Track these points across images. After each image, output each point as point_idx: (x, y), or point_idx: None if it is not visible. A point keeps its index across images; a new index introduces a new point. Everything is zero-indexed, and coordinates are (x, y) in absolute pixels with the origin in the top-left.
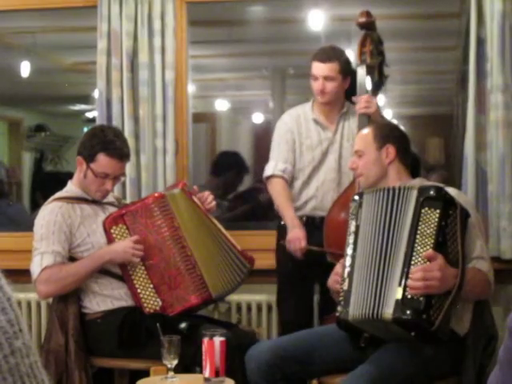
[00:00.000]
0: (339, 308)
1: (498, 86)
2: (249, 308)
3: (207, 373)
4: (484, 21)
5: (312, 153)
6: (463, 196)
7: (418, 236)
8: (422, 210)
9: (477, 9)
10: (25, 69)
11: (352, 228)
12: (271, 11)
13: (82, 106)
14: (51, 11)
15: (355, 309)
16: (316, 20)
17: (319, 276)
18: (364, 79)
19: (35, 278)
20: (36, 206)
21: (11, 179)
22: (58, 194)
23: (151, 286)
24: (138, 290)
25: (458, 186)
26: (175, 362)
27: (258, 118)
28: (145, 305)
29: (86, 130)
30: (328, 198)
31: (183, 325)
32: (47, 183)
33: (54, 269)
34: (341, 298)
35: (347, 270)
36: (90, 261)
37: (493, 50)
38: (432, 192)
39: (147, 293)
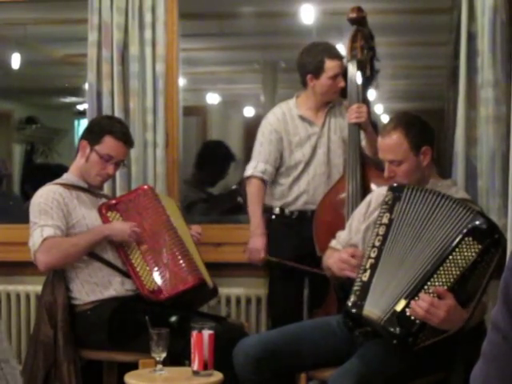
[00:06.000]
0: (353, 298)
1: (489, 81)
2: (238, 301)
3: (196, 366)
4: (475, 16)
5: (302, 149)
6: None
7: (447, 261)
8: (466, 238)
9: (468, 4)
10: (15, 61)
11: (384, 220)
12: (262, 4)
13: (73, 99)
14: (42, 3)
15: (371, 305)
16: (307, 14)
17: (309, 270)
18: (355, 74)
19: (36, 249)
20: (26, 198)
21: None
22: (54, 181)
23: (148, 268)
24: (137, 269)
25: None
26: (164, 354)
27: (249, 111)
28: (144, 282)
29: (76, 122)
30: (319, 191)
31: (173, 318)
32: (37, 175)
33: (56, 239)
34: (356, 288)
35: (370, 261)
36: (90, 234)
37: (484, 45)
38: (484, 225)
39: (145, 273)
